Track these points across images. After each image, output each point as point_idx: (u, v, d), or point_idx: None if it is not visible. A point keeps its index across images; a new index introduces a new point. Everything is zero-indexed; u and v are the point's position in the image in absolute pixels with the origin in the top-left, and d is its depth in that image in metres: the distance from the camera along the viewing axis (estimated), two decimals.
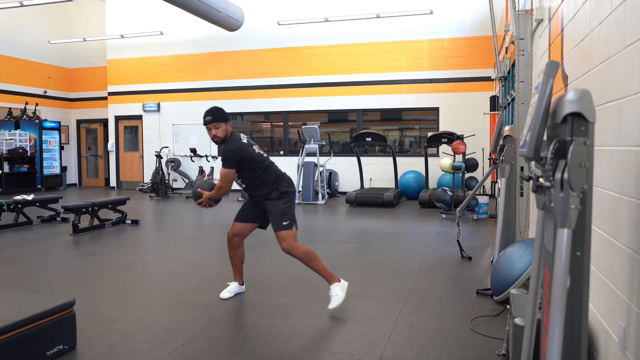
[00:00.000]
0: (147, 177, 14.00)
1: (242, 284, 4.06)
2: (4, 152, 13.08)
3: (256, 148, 3.75)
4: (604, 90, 2.22)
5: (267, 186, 3.69)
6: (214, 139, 3.64)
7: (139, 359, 2.83)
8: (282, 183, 3.73)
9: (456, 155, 9.79)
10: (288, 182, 3.78)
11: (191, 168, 13.35)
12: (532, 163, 1.74)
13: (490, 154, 8.84)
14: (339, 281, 3.66)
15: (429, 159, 10.90)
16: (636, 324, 1.77)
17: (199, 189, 3.75)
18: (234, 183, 3.69)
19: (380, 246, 5.96)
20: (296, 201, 9.97)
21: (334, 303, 3.58)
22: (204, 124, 3.63)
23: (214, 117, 3.60)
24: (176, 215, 9.09)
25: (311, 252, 3.64)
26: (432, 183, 11.25)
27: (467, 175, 9.92)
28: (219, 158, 12.86)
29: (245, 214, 3.87)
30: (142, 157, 14.43)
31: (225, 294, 3.93)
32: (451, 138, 9.62)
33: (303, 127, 10.90)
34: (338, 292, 3.61)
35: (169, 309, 3.70)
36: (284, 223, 3.62)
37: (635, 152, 1.81)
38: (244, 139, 3.73)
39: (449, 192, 8.64)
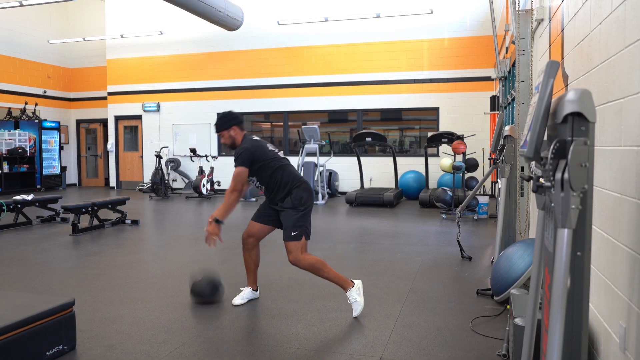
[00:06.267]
0: (147, 177, 14.00)
1: (256, 290, 3.88)
2: (4, 152, 13.08)
3: (270, 146, 3.68)
4: (604, 90, 2.21)
5: (283, 189, 3.55)
6: (224, 146, 3.70)
7: (139, 359, 2.83)
8: (297, 189, 3.54)
9: (456, 155, 9.79)
10: (306, 188, 3.58)
11: (191, 168, 13.35)
12: (533, 163, 1.74)
13: (490, 154, 8.83)
14: (353, 285, 3.53)
15: (429, 159, 10.90)
16: (636, 324, 1.77)
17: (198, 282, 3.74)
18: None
19: (380, 246, 5.96)
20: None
21: (356, 310, 3.47)
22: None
23: (216, 127, 3.66)
24: (176, 215, 9.09)
25: (319, 262, 3.50)
26: (432, 183, 11.24)
27: (467, 175, 9.92)
28: (219, 158, 12.89)
29: (263, 215, 3.70)
30: (142, 157, 14.42)
31: (238, 300, 3.76)
32: (451, 138, 9.62)
33: (303, 127, 10.90)
34: (356, 297, 3.49)
35: (169, 309, 3.69)
36: (293, 234, 3.48)
37: (635, 152, 1.81)
38: (256, 137, 3.72)
39: (449, 192, 8.64)
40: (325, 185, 11.09)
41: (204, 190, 11.55)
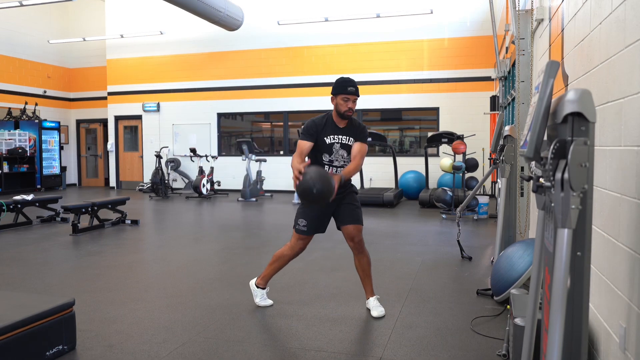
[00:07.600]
0: (147, 177, 14.00)
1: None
2: (4, 152, 13.07)
3: None
4: (604, 90, 2.21)
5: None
6: (348, 112, 3.37)
7: (139, 359, 2.83)
8: None
9: (456, 155, 9.79)
10: None
11: (191, 168, 13.34)
12: (533, 163, 1.74)
13: (490, 154, 8.83)
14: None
15: (429, 159, 10.90)
16: (637, 324, 1.77)
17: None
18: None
19: (380, 246, 5.96)
20: (296, 200, 10.06)
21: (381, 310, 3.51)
22: (348, 93, 3.34)
23: (357, 90, 3.38)
24: (176, 215, 9.09)
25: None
26: (432, 183, 11.24)
27: (467, 175, 9.92)
28: (219, 158, 12.90)
29: (330, 218, 3.62)
30: (142, 157, 14.42)
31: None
32: (451, 138, 9.62)
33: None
34: (379, 304, 3.55)
35: (169, 309, 3.69)
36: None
37: (635, 152, 1.81)
38: None
39: (449, 192, 8.63)
40: None
41: (204, 190, 11.55)
